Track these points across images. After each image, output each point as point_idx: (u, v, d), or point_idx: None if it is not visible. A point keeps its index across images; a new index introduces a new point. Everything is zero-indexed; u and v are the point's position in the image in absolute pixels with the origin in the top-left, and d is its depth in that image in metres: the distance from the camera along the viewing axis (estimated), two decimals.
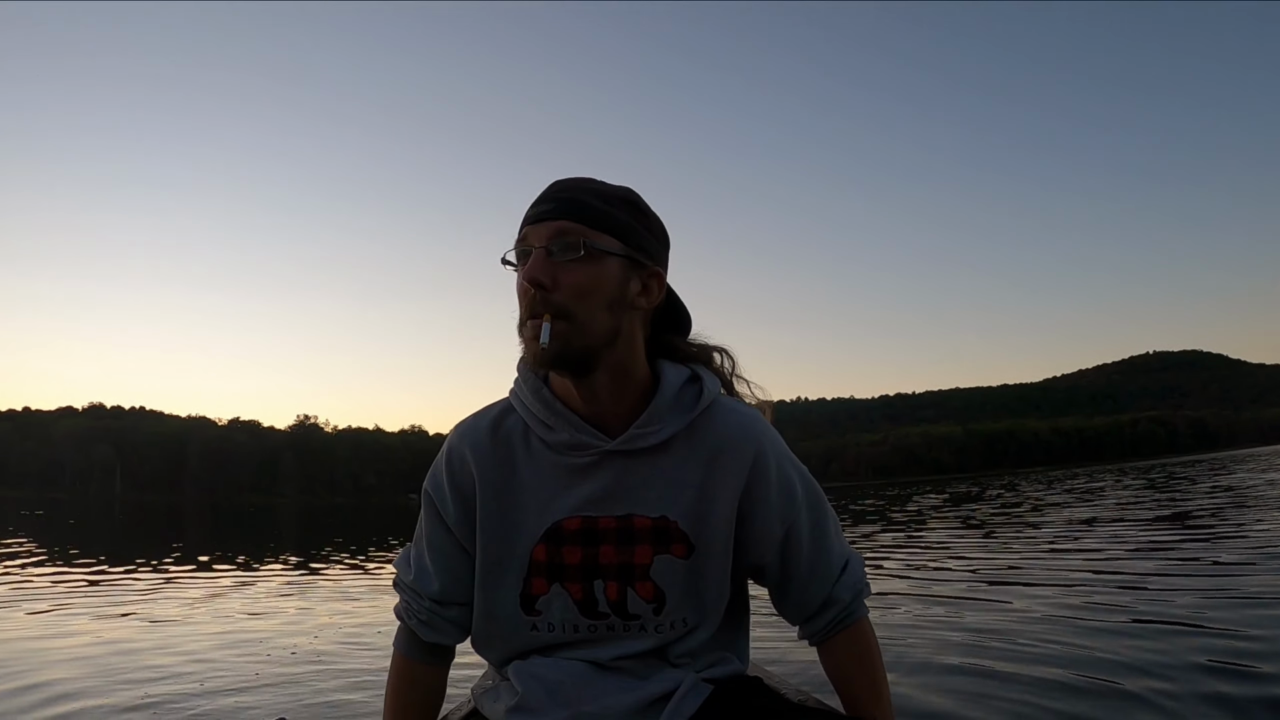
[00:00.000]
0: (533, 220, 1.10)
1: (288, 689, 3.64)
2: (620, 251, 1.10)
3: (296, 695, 3.52)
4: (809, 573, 1.20)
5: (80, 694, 3.56)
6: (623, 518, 1.12)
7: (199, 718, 3.21)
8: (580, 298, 1.07)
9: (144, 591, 7.76)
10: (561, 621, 1.14)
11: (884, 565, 7.73)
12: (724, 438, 1.14)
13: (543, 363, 1.07)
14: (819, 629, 1.22)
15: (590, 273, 1.08)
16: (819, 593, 1.20)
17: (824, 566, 1.21)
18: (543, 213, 1.09)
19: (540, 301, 1.06)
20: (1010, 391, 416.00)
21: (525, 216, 1.11)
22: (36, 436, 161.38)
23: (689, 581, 1.14)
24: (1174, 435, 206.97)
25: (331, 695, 3.51)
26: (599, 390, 1.12)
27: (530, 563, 1.14)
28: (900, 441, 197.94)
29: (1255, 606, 4.37)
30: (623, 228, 1.11)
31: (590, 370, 1.10)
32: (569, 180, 1.14)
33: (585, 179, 1.14)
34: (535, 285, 1.05)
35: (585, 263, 1.07)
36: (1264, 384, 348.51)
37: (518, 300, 1.10)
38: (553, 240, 1.07)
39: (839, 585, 1.21)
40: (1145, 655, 3.41)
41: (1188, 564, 6.29)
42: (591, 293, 1.07)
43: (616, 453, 1.12)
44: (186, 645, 4.69)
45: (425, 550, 1.21)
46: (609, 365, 1.11)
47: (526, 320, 1.08)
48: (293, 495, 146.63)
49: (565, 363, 1.08)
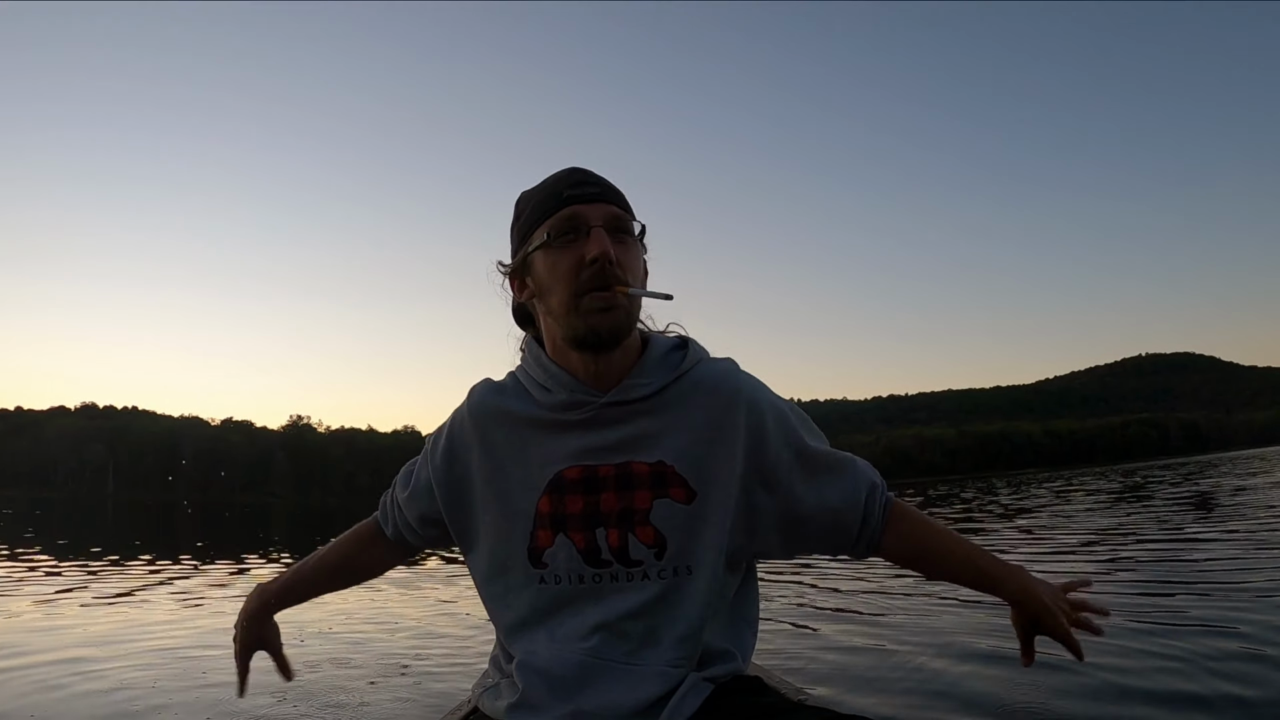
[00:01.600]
0: (583, 200, 1.13)
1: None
2: (642, 240, 1.20)
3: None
4: (838, 485, 1.22)
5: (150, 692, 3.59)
6: (621, 465, 1.16)
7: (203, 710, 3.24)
8: (635, 278, 1.14)
9: (129, 589, 7.75)
10: (567, 572, 1.17)
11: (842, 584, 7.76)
12: (713, 385, 1.19)
13: (608, 330, 1.12)
14: (872, 532, 1.23)
15: (638, 255, 1.17)
16: (855, 499, 1.22)
17: (848, 474, 1.23)
18: (591, 194, 1.14)
19: (615, 274, 1.10)
20: (1003, 393, 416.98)
21: (563, 196, 1.14)
22: (29, 436, 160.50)
23: (690, 526, 1.16)
24: (1166, 437, 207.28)
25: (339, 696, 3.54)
26: (611, 364, 1.17)
27: (535, 515, 1.18)
28: (893, 443, 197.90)
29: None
30: (635, 218, 1.20)
31: (616, 347, 1.15)
32: (588, 170, 1.20)
33: (594, 171, 1.21)
34: (609, 260, 1.09)
35: (634, 245, 1.16)
36: (1256, 386, 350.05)
37: (560, 276, 1.13)
38: (610, 220, 1.13)
39: (873, 479, 1.25)
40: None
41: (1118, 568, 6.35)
42: (638, 273, 1.16)
43: (611, 405, 1.16)
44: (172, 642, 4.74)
45: (411, 486, 1.33)
46: (626, 344, 1.17)
47: (587, 293, 1.11)
48: (286, 495, 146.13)
49: (623, 335, 1.14)
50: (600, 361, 1.16)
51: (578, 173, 1.18)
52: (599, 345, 1.13)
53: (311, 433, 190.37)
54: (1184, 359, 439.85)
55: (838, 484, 1.22)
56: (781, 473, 1.19)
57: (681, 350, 1.23)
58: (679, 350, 1.23)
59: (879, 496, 1.23)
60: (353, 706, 3.33)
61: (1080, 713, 2.79)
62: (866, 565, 7.69)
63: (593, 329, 1.11)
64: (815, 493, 1.20)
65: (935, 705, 2.96)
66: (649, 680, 1.11)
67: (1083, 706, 2.84)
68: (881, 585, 6.24)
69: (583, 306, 1.11)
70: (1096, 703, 2.87)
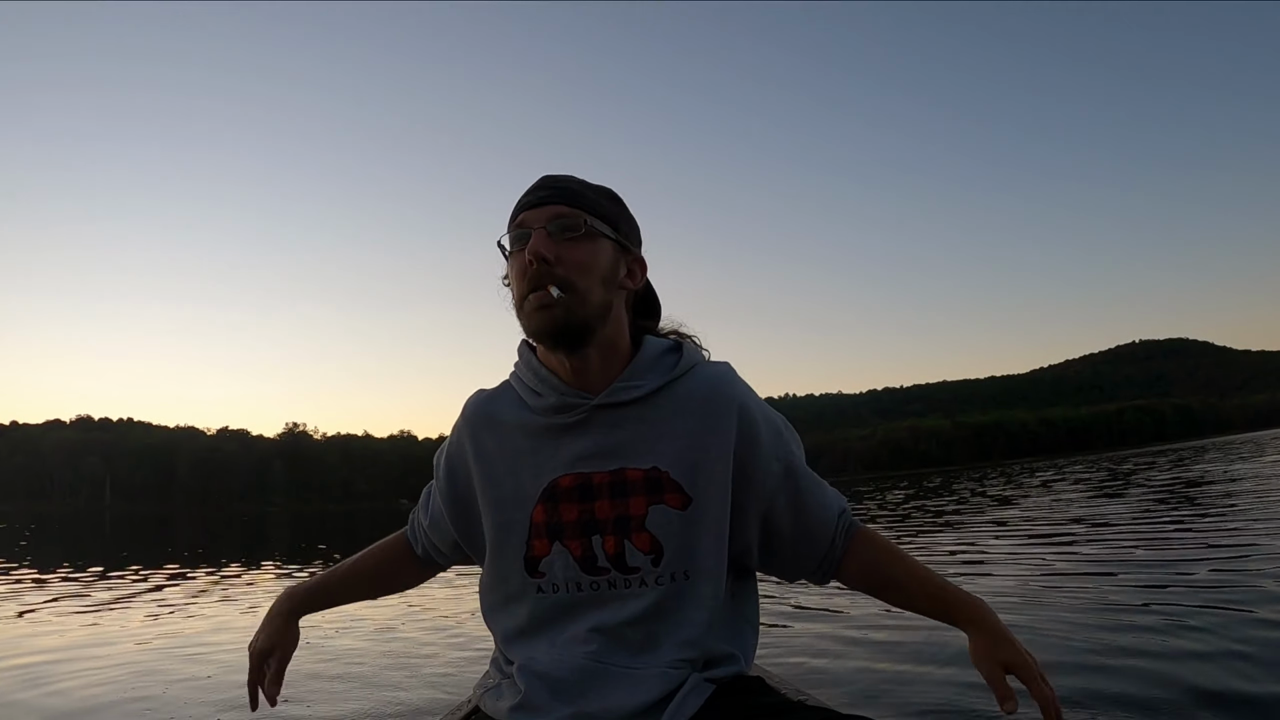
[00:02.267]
0: (530, 206, 1.16)
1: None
2: (611, 235, 1.18)
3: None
4: (815, 505, 1.22)
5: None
6: (615, 471, 1.16)
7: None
8: (582, 272, 1.13)
9: (127, 599, 7.74)
10: (564, 580, 1.16)
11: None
12: (706, 391, 1.19)
13: (546, 329, 1.12)
14: (836, 556, 1.24)
15: (589, 249, 1.15)
16: (828, 520, 1.22)
17: (824, 496, 1.24)
18: (540, 199, 1.16)
19: (544, 275, 1.11)
20: (997, 383, 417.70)
21: (519, 204, 1.17)
22: (25, 450, 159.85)
23: (686, 532, 1.15)
24: (1161, 423, 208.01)
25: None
26: (589, 364, 1.17)
27: (531, 524, 1.18)
28: (888, 435, 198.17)
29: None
30: (612, 215, 1.19)
31: (585, 344, 1.15)
32: (558, 175, 1.21)
33: (572, 175, 1.21)
34: (539, 259, 1.10)
35: (585, 240, 1.15)
36: (1251, 370, 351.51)
37: (513, 283, 1.16)
38: (551, 221, 1.14)
39: (842, 504, 1.26)
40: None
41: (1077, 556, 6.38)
42: (591, 268, 1.14)
43: (602, 408, 1.16)
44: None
45: (433, 507, 1.34)
46: (600, 341, 1.16)
47: (527, 295, 1.13)
48: (284, 503, 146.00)
49: (567, 332, 1.13)
50: (574, 360, 1.16)
51: (540, 180, 1.20)
52: (552, 344, 1.14)
53: (308, 440, 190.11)
54: (1178, 345, 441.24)
55: (816, 504, 1.22)
56: (770, 485, 1.19)
57: (675, 353, 1.23)
58: (673, 353, 1.23)
59: (845, 520, 1.24)
60: (353, 706, 3.34)
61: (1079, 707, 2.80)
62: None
63: (535, 328, 1.13)
64: (795, 510, 1.21)
65: (936, 705, 2.96)
66: (650, 682, 1.11)
67: (1079, 705, 2.85)
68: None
69: (526, 307, 1.14)
70: (1097, 703, 2.89)
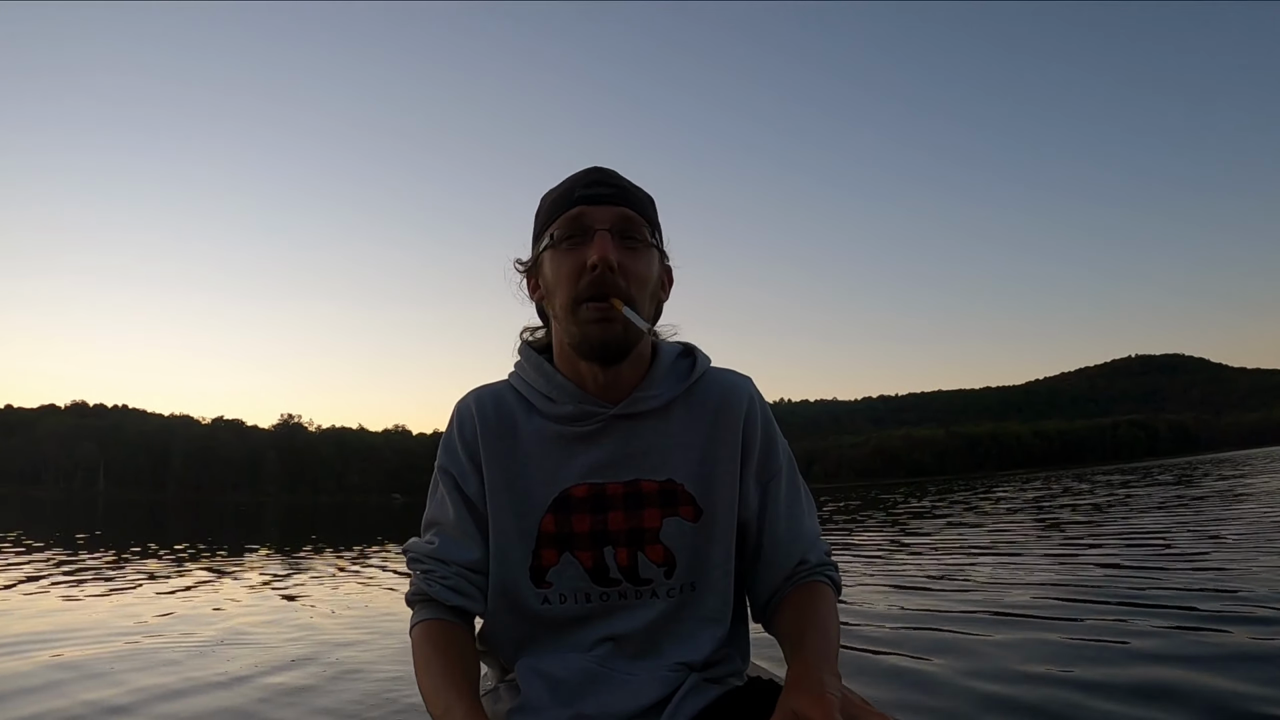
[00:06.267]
0: (592, 201, 1.08)
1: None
2: (659, 245, 1.14)
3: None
4: (786, 534, 1.17)
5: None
6: (630, 483, 1.13)
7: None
8: (641, 286, 1.08)
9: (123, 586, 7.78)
10: (573, 590, 1.13)
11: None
12: (720, 398, 1.17)
13: (603, 343, 1.07)
14: (786, 591, 1.17)
15: (646, 260, 1.10)
16: (791, 558, 1.17)
17: (799, 531, 1.19)
18: (603, 195, 1.09)
19: (611, 285, 1.05)
20: (992, 394, 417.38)
21: (574, 195, 1.10)
22: (19, 434, 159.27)
23: (698, 544, 1.14)
24: (1155, 439, 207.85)
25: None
26: (620, 377, 1.13)
27: (539, 534, 1.13)
28: (882, 444, 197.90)
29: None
30: (657, 224, 1.15)
31: (625, 359, 1.10)
32: (608, 170, 1.14)
33: (615, 171, 1.15)
34: (609, 267, 1.04)
35: (643, 250, 1.10)
36: (1246, 388, 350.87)
37: (561, 282, 1.08)
38: (617, 224, 1.08)
39: (813, 550, 1.18)
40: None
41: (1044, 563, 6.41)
42: (647, 282, 1.10)
43: (619, 418, 1.13)
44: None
45: (448, 527, 1.17)
46: (634, 355, 1.12)
47: (585, 301, 1.06)
48: (277, 494, 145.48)
49: (621, 349, 1.08)
50: (609, 374, 1.11)
51: (595, 172, 1.13)
52: (599, 357, 1.09)
53: (302, 431, 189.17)
54: (1174, 360, 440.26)
55: (798, 538, 1.18)
56: (750, 503, 1.17)
57: (687, 358, 1.21)
58: (686, 358, 1.21)
59: (805, 570, 1.17)
60: (351, 706, 3.35)
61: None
62: (865, 566, 7.77)
63: (588, 340, 1.07)
64: (772, 523, 1.18)
65: (937, 705, 2.98)
66: (651, 685, 1.10)
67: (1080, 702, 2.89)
68: (880, 586, 6.27)
69: (580, 315, 1.06)
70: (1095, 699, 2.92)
